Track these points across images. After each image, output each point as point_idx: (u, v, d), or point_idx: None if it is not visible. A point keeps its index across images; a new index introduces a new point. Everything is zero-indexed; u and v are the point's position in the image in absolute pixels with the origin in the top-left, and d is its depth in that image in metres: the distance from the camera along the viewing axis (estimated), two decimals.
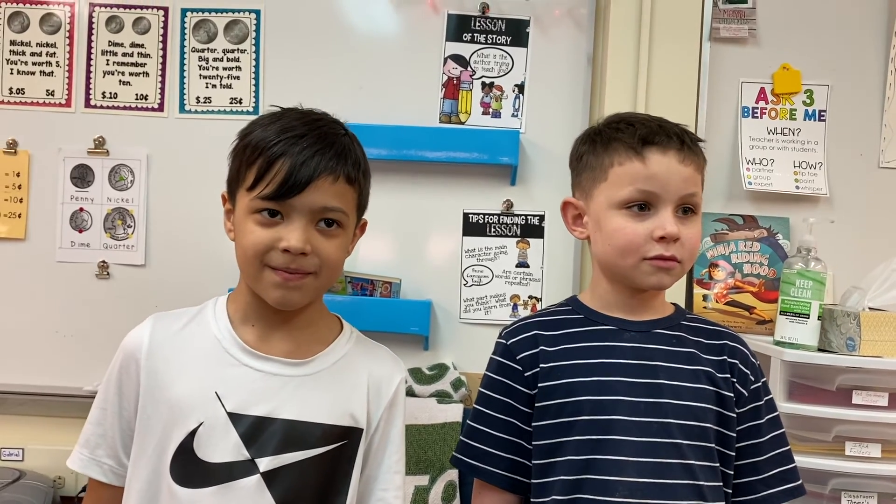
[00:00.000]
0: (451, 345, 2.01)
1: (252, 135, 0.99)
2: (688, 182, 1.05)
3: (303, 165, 0.95)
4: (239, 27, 2.00)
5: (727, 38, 1.96)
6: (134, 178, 2.00)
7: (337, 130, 1.02)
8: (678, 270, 1.05)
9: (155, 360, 1.00)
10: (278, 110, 1.03)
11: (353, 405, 1.03)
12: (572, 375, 1.05)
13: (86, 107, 2.01)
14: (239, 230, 1.00)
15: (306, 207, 0.96)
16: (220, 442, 0.96)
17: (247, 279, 1.01)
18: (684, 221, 1.05)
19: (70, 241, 2.00)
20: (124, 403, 1.01)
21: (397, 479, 1.08)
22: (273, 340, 1.02)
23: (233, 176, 1.02)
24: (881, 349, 1.59)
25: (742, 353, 1.11)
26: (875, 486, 1.57)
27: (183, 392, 0.98)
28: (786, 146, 1.98)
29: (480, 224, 2.02)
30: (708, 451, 1.04)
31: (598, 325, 1.10)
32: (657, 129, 1.06)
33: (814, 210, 1.96)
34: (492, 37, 2.00)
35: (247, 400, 0.98)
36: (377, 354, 1.11)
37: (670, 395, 1.04)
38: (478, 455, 1.10)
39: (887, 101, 1.99)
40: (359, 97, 2.00)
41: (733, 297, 1.93)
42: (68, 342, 1.99)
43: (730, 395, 1.07)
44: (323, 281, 1.01)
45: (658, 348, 1.07)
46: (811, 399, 1.60)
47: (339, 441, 1.01)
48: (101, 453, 1.02)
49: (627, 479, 1.00)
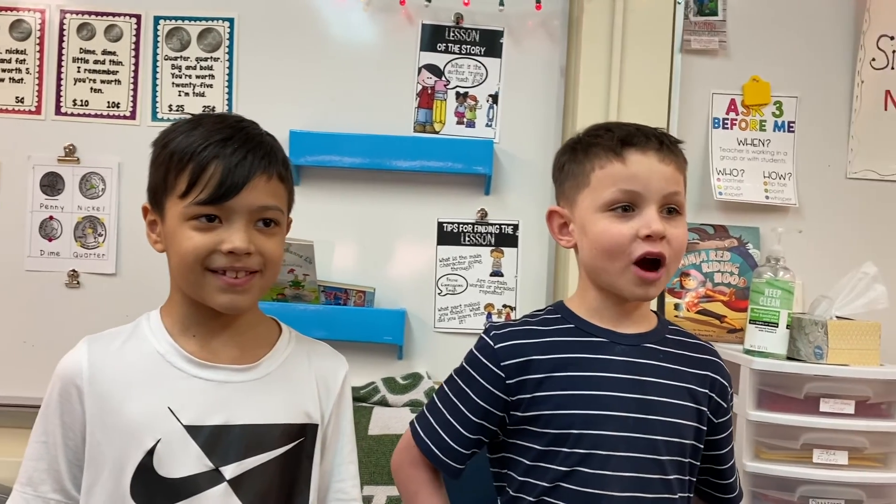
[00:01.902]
0: (425, 354, 2.01)
1: (174, 142, 0.98)
2: (669, 181, 1.04)
3: (237, 167, 0.94)
4: (212, 35, 1.99)
5: (698, 49, 1.99)
6: (105, 187, 1.98)
7: (259, 130, 1.02)
8: (663, 280, 1.05)
9: (98, 384, 0.97)
10: (191, 117, 1.02)
11: (305, 402, 1.04)
12: (564, 387, 1.04)
13: (56, 114, 1.99)
14: (173, 239, 0.97)
15: (244, 208, 0.95)
16: (180, 456, 0.95)
17: (187, 287, 0.99)
18: (670, 221, 1.04)
19: (39, 250, 1.98)
20: (68, 433, 0.98)
21: (352, 469, 1.10)
22: (217, 348, 1.01)
23: (157, 185, 1.00)
24: (848, 357, 1.62)
25: (717, 365, 1.13)
26: (842, 493, 1.59)
27: (134, 412, 0.96)
28: (756, 157, 2.01)
29: (455, 233, 2.03)
30: (682, 466, 1.05)
31: (590, 336, 1.09)
32: (635, 131, 1.07)
33: (783, 220, 1.98)
34: (466, 47, 2.01)
35: (202, 411, 0.97)
36: (320, 351, 1.11)
37: (660, 412, 1.04)
38: (438, 442, 1.10)
39: (854, 113, 2.02)
40: (333, 106, 2.00)
41: (704, 305, 1.95)
42: (37, 352, 1.97)
43: (705, 409, 1.08)
44: (267, 280, 1.00)
45: (647, 363, 1.07)
46: (780, 407, 1.61)
47: (298, 438, 1.02)
48: (46, 489, 0.98)
49: (611, 493, 1.00)
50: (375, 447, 1.76)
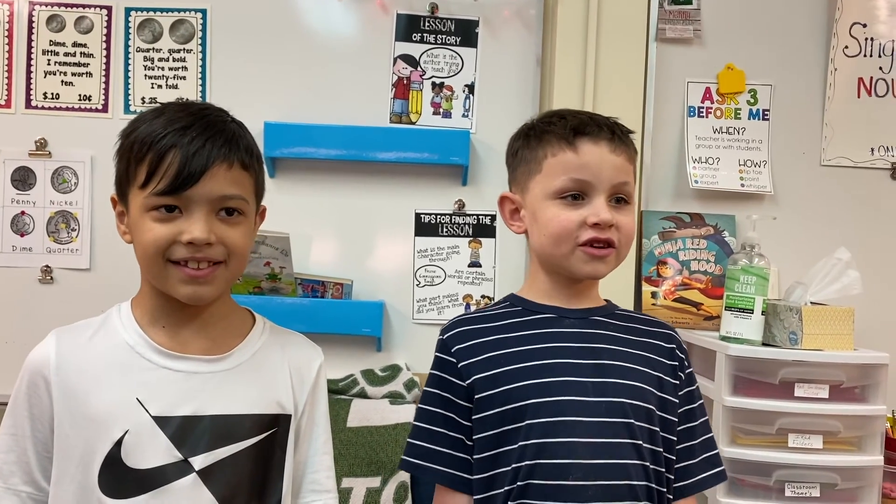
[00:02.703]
0: (403, 345, 2.01)
1: (137, 132, 0.97)
2: (619, 171, 1.06)
3: (195, 155, 0.93)
4: (185, 27, 1.97)
5: (673, 38, 2.00)
6: (78, 181, 1.96)
7: (224, 118, 1.01)
8: (613, 258, 1.07)
9: (65, 374, 0.97)
10: (159, 105, 1.01)
11: (278, 392, 1.04)
12: (514, 363, 1.05)
13: (26, 107, 1.96)
14: (136, 230, 0.97)
15: (204, 198, 0.94)
16: (148, 447, 0.95)
17: (152, 279, 0.99)
18: (618, 210, 1.06)
19: (11, 246, 1.95)
20: (37, 425, 0.98)
21: (327, 460, 1.10)
22: (186, 339, 1.01)
23: (121, 176, 0.99)
24: (822, 342, 1.63)
25: (675, 338, 1.14)
26: (817, 477, 1.61)
27: (102, 403, 0.95)
28: (731, 145, 2.02)
29: (432, 224, 2.02)
30: (652, 434, 1.05)
31: (537, 314, 1.10)
32: (588, 120, 1.08)
33: (759, 207, 2.00)
34: (441, 37, 2.00)
35: (171, 402, 0.97)
36: (294, 342, 1.11)
37: (616, 375, 1.05)
38: (421, 454, 1.09)
39: (828, 101, 2.04)
40: (308, 97, 1.99)
41: (681, 293, 1.96)
42: (10, 349, 1.94)
43: (669, 379, 1.08)
44: (232, 271, 1.00)
45: (598, 332, 1.08)
46: (755, 393, 1.63)
47: (269, 429, 1.01)
48: (16, 481, 0.98)
49: (580, 461, 1.00)
50: (354, 439, 1.76)
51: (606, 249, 1.05)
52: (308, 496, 1.09)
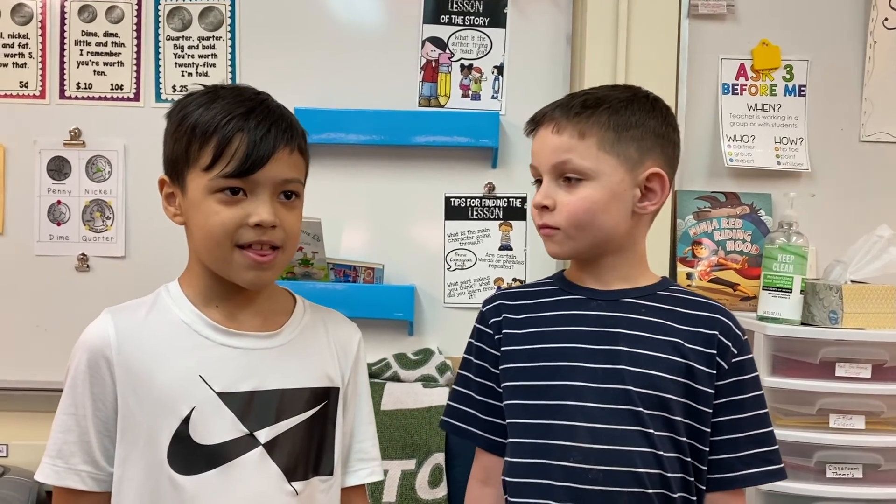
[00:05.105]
0: (435, 329, 2.01)
1: (193, 115, 0.97)
2: (557, 151, 1.05)
3: (262, 139, 0.95)
4: (213, 14, 1.98)
5: (706, 14, 1.95)
6: (111, 170, 1.98)
7: (278, 104, 1.03)
8: (560, 237, 1.07)
9: (127, 354, 0.97)
10: (202, 89, 1.01)
11: (326, 366, 1.06)
12: (532, 342, 1.08)
13: (60, 98, 1.98)
14: (197, 212, 0.97)
15: (269, 181, 0.96)
16: (216, 423, 0.96)
17: (212, 262, 0.99)
18: (569, 188, 1.05)
19: (49, 235, 1.98)
20: (98, 405, 0.98)
21: (371, 430, 1.13)
22: (240, 317, 1.02)
23: (179, 157, 0.99)
24: (864, 321, 1.60)
25: (723, 323, 1.08)
26: (860, 458, 1.58)
27: (166, 381, 0.96)
28: (766, 122, 1.97)
29: (462, 208, 2.01)
30: (669, 423, 1.02)
31: (569, 294, 1.12)
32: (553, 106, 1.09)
33: (795, 185, 1.95)
34: (469, 18, 1.98)
35: (233, 378, 0.98)
36: (334, 318, 1.14)
37: (627, 362, 1.03)
38: (459, 416, 1.15)
39: (867, 75, 1.98)
40: (337, 82, 1.98)
41: (717, 274, 1.93)
42: (49, 336, 1.98)
43: (704, 368, 1.04)
44: (288, 255, 1.02)
45: (623, 316, 1.07)
46: (795, 373, 1.60)
47: (322, 401, 1.04)
48: (76, 461, 0.98)
49: (581, 444, 1.02)
50: (388, 422, 1.76)
51: (548, 230, 1.07)
52: (356, 465, 1.12)
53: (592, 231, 1.06)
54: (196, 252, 1.01)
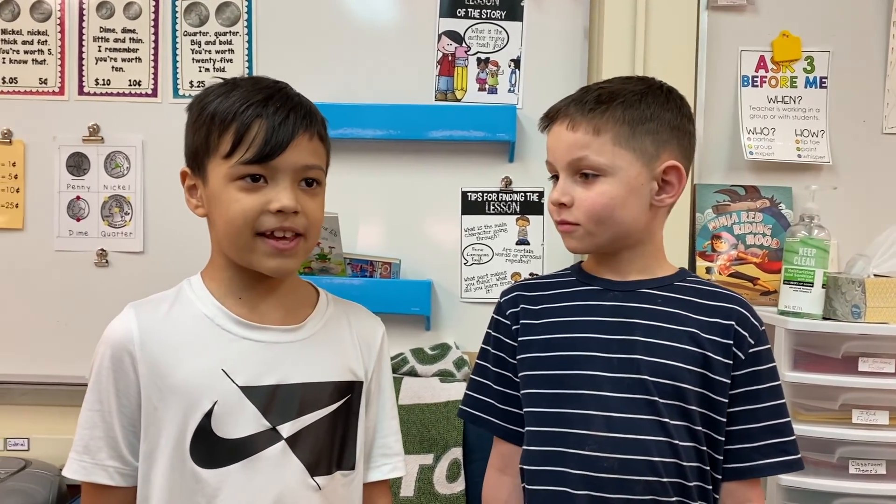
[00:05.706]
0: (452, 324, 2.00)
1: (213, 104, 0.98)
2: (572, 147, 1.05)
3: (281, 125, 0.94)
4: (230, 9, 1.98)
5: (725, 6, 1.93)
6: (130, 165, 1.99)
7: (297, 92, 1.03)
8: (580, 233, 1.06)
9: (150, 349, 0.97)
10: (224, 81, 1.02)
11: (349, 360, 1.06)
12: (549, 332, 1.09)
13: (79, 94, 2.00)
14: (218, 201, 0.97)
15: (290, 167, 0.96)
16: (238, 417, 0.96)
17: (235, 252, 0.99)
18: (585, 185, 1.05)
19: (68, 230, 2.00)
20: (123, 400, 0.98)
21: (394, 425, 1.13)
22: (264, 310, 1.02)
23: (199, 147, 0.99)
24: (887, 315, 1.57)
25: (740, 313, 1.07)
26: (883, 454, 1.56)
27: (188, 375, 0.96)
28: (787, 114, 1.95)
29: (479, 202, 2.01)
30: (685, 412, 1.02)
31: (586, 286, 1.12)
32: (567, 101, 1.09)
33: (816, 178, 1.93)
34: (486, 11, 1.97)
35: (255, 372, 0.98)
36: (357, 311, 1.14)
37: (643, 352, 1.03)
38: (476, 405, 1.16)
39: (890, 66, 1.95)
40: (353, 77, 1.98)
41: (736, 268, 1.91)
42: (70, 331, 1.99)
43: (720, 358, 1.04)
44: (311, 243, 1.01)
45: (639, 307, 1.07)
46: (817, 368, 1.58)
47: (345, 396, 1.04)
48: (103, 456, 0.98)
49: (596, 433, 1.02)
50: (406, 417, 1.76)
51: (567, 226, 1.07)
52: (379, 460, 1.11)
53: (611, 226, 1.05)
54: (218, 243, 1.01)
